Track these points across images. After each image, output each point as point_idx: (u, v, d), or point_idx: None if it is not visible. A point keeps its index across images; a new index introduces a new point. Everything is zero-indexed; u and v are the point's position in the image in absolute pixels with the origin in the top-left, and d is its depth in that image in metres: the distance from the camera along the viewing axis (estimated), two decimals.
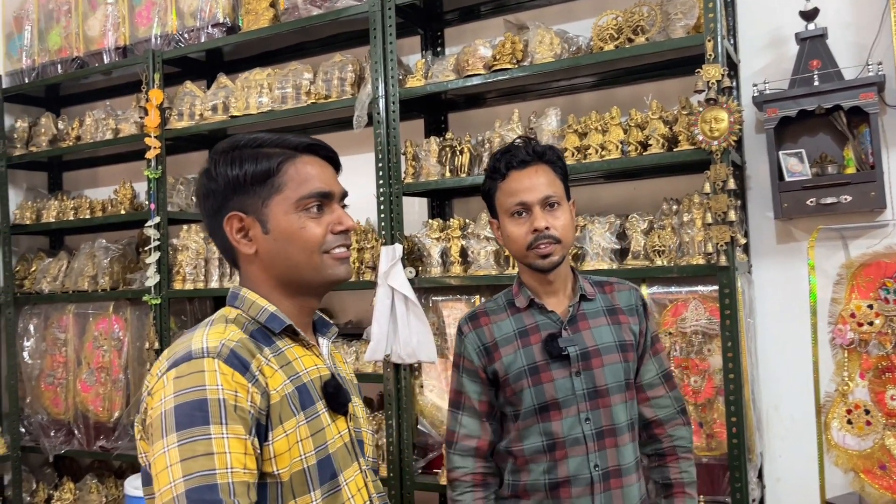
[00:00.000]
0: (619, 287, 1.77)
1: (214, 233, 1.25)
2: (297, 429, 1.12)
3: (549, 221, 1.65)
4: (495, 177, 1.73)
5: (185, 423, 1.02)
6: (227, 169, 1.22)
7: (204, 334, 1.13)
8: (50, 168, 4.21)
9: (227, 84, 3.33)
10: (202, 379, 1.05)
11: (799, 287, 2.50)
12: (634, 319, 1.72)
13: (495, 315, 1.75)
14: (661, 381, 1.74)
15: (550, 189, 1.67)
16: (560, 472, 1.63)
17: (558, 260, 1.66)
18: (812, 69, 2.38)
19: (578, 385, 1.64)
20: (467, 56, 2.77)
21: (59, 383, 3.73)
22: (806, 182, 2.37)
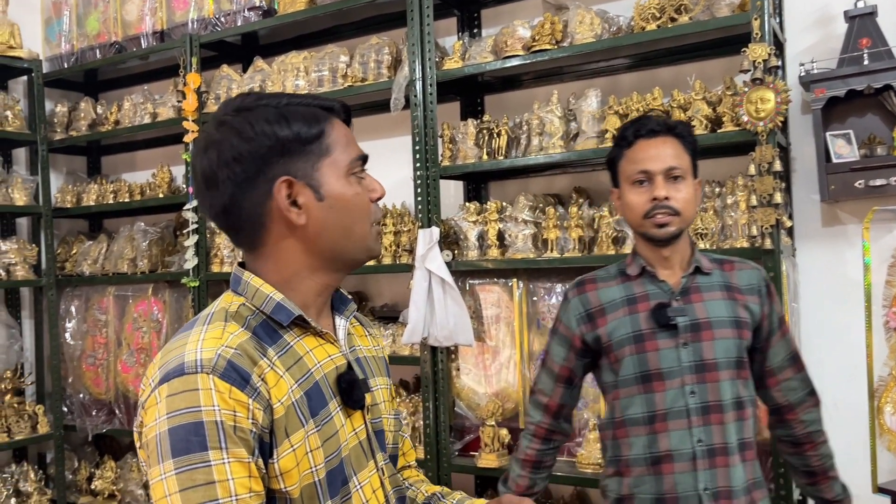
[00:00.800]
0: (739, 266, 1.73)
1: (237, 204, 1.05)
2: (305, 440, 1.01)
3: (671, 192, 1.61)
4: (621, 144, 1.70)
5: (182, 448, 0.92)
6: (271, 128, 1.04)
7: (199, 339, 0.99)
8: (89, 152, 4.26)
9: (263, 67, 3.34)
10: (196, 399, 0.94)
11: (845, 271, 2.45)
12: (754, 299, 1.68)
13: (604, 282, 1.74)
14: (789, 363, 1.71)
15: (676, 161, 1.63)
16: (661, 446, 1.61)
17: (675, 231, 1.63)
18: (861, 48, 2.32)
19: (685, 356, 1.61)
20: (505, 37, 2.74)
21: (100, 364, 3.79)
22: (854, 164, 2.32)
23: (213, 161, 1.04)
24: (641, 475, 1.64)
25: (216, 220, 1.09)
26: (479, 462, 2.73)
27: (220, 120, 1.07)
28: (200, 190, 1.08)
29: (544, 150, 2.69)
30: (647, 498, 1.63)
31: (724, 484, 1.60)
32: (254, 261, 1.11)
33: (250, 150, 1.03)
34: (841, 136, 2.36)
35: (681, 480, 1.60)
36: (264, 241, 1.08)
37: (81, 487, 3.84)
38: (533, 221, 2.73)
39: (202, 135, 1.08)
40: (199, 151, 1.07)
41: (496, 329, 2.84)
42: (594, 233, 2.63)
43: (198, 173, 1.07)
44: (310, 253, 1.08)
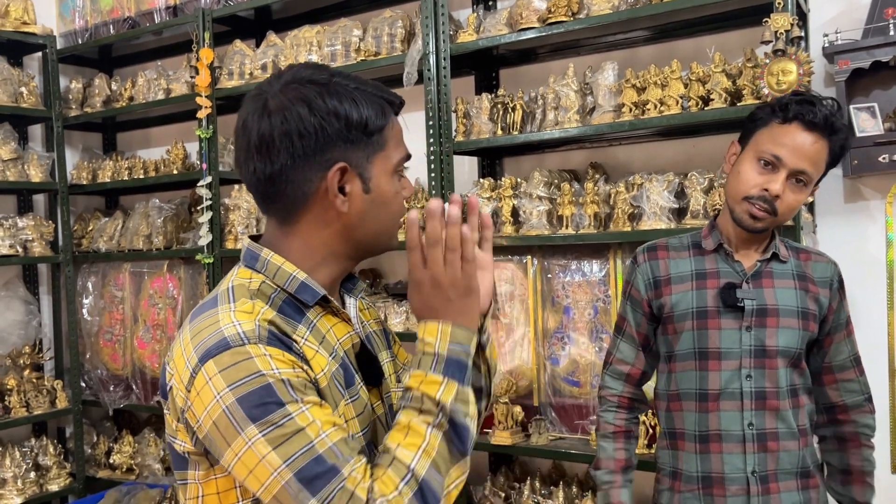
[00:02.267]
0: (816, 258, 1.69)
1: (286, 176, 1.02)
2: (345, 410, 1.03)
3: (784, 193, 1.55)
4: (777, 114, 1.59)
5: (260, 413, 0.92)
6: (343, 109, 1.02)
7: (230, 313, 0.98)
8: (104, 129, 4.26)
9: (276, 42, 3.31)
10: (255, 366, 0.94)
11: (867, 247, 2.40)
12: (825, 292, 1.65)
13: (676, 251, 1.71)
14: (852, 364, 1.68)
15: (811, 166, 1.56)
16: (711, 425, 1.60)
17: (763, 228, 1.59)
18: (887, 18, 2.25)
19: (746, 340, 1.59)
20: (521, 9, 2.69)
21: (117, 340, 3.82)
22: (878, 137, 2.26)
23: (275, 127, 1.01)
24: (689, 451, 1.64)
25: (255, 186, 1.06)
26: (493, 439, 2.72)
27: (290, 86, 1.02)
28: (248, 152, 1.03)
29: (560, 124, 2.65)
30: (694, 475, 1.63)
31: (773, 468, 1.58)
32: (280, 236, 1.08)
33: (317, 127, 1.01)
34: (865, 110, 2.30)
35: (729, 461, 1.59)
36: (299, 219, 1.06)
37: (100, 461, 3.89)
38: (548, 197, 2.69)
39: (264, 96, 1.03)
40: (258, 113, 1.02)
41: (510, 306, 2.81)
42: (610, 209, 2.59)
43: (251, 135, 1.02)
44: (341, 240, 1.07)
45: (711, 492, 1.60)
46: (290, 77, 1.04)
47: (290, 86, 1.03)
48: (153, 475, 3.67)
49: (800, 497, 1.60)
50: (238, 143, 1.06)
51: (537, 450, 2.67)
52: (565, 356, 2.70)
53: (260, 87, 1.06)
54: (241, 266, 1.10)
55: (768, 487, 1.58)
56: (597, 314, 2.66)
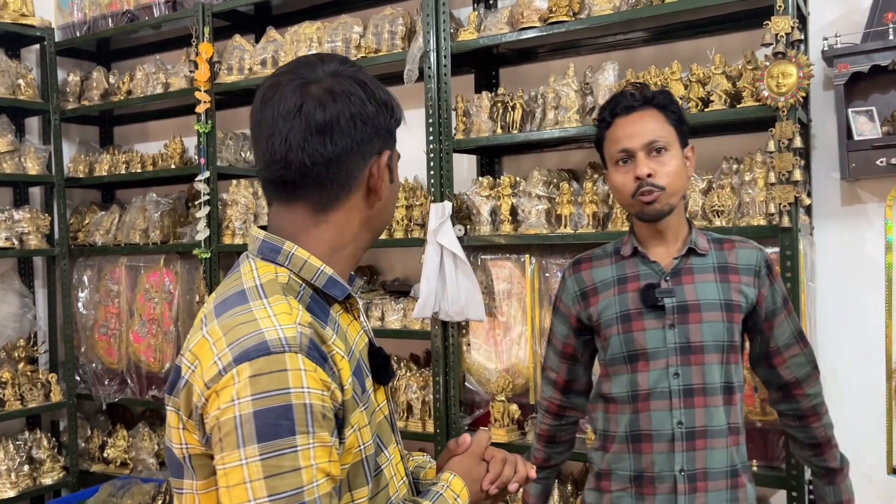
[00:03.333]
0: (741, 245, 1.69)
1: (343, 160, 1.03)
2: (359, 419, 1.01)
3: (653, 168, 1.58)
4: (602, 125, 1.68)
5: (269, 433, 0.88)
6: (389, 100, 1.08)
7: (270, 315, 0.95)
8: (101, 122, 4.25)
9: (276, 38, 3.31)
10: (286, 380, 0.90)
11: (864, 250, 2.41)
12: (750, 280, 1.65)
13: (598, 261, 1.74)
14: (795, 340, 1.70)
15: (655, 134, 1.60)
16: (642, 425, 1.62)
17: (663, 208, 1.60)
18: (887, 22, 2.26)
19: (671, 338, 1.60)
20: (522, 8, 2.69)
21: (113, 334, 3.81)
22: (876, 141, 2.27)
23: (341, 111, 1.02)
24: (621, 452, 1.65)
25: (306, 171, 1.02)
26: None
27: (342, 73, 1.05)
28: (307, 135, 1.01)
29: (559, 123, 2.65)
30: (626, 475, 1.64)
31: (702, 466, 1.59)
32: (309, 226, 1.05)
33: (375, 114, 1.05)
34: (863, 113, 2.31)
35: (658, 460, 1.60)
36: (338, 206, 1.05)
37: (94, 455, 3.88)
38: (547, 197, 2.70)
39: (314, 80, 1.03)
40: (321, 97, 1.01)
41: (508, 305, 2.82)
42: (608, 209, 2.60)
43: (313, 117, 1.01)
44: (363, 229, 1.09)
45: (642, 491, 1.61)
46: (337, 66, 1.06)
47: (343, 73, 1.05)
48: (147, 469, 3.67)
49: (728, 496, 1.60)
50: (283, 126, 1.02)
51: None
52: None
53: (298, 72, 1.04)
54: (256, 259, 1.05)
55: (696, 486, 1.58)
56: None
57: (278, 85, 1.04)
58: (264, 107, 1.04)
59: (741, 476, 1.64)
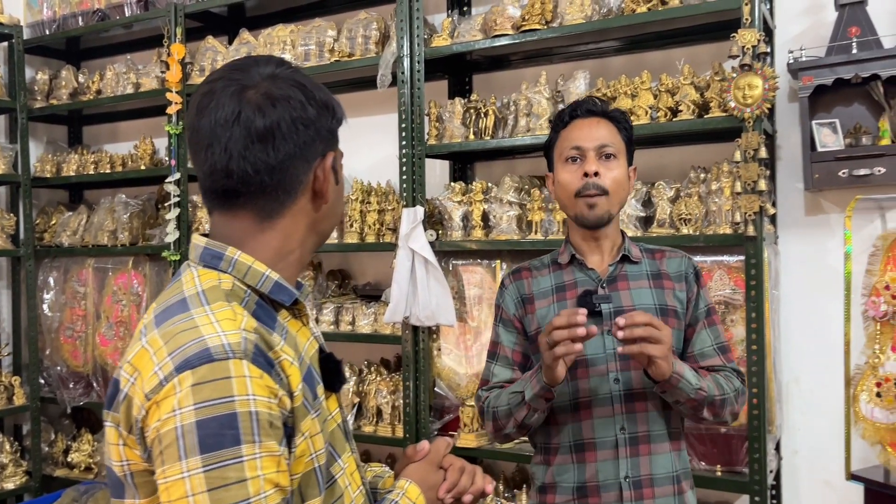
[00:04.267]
0: (670, 254, 1.72)
1: (287, 166, 1.00)
2: (310, 426, 0.97)
3: (601, 170, 1.61)
4: (558, 126, 1.70)
5: (212, 444, 0.85)
6: (330, 100, 1.05)
7: (213, 321, 0.91)
8: (70, 122, 4.20)
9: (249, 40, 3.29)
10: (230, 388, 0.87)
11: (826, 260, 2.47)
12: (681, 286, 1.67)
13: (537, 271, 1.74)
14: (716, 353, 1.67)
15: (609, 140, 1.64)
16: (585, 433, 1.61)
17: (603, 213, 1.62)
18: (850, 37, 2.32)
19: (609, 343, 1.60)
20: (495, 16, 2.71)
21: (79, 336, 3.76)
22: (839, 153, 2.32)
23: (282, 116, 0.99)
24: (565, 463, 1.63)
25: (249, 179, 0.99)
26: (458, 442, 2.73)
27: (279, 76, 1.01)
28: (248, 142, 0.98)
29: (531, 131, 2.68)
30: (569, 486, 1.62)
31: (647, 472, 1.59)
32: (254, 233, 1.02)
33: (316, 116, 1.02)
34: (827, 125, 2.37)
35: (602, 468, 1.59)
36: (284, 212, 1.03)
37: (58, 460, 3.82)
38: (518, 203, 2.72)
39: (252, 85, 1.00)
40: (261, 103, 0.98)
41: (478, 310, 2.83)
42: None
43: (253, 124, 0.98)
44: (310, 233, 1.07)
45: (587, 501, 1.60)
46: (274, 69, 1.02)
47: (281, 77, 1.02)
48: None
49: (674, 502, 1.61)
50: (221, 135, 0.98)
51: (502, 453, 2.69)
52: None
53: (233, 77, 1.01)
54: (198, 266, 1.01)
55: (642, 493, 1.58)
56: None
57: (213, 92, 1.00)
58: (200, 115, 1.00)
59: (683, 482, 1.64)
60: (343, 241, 3.01)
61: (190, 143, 1.03)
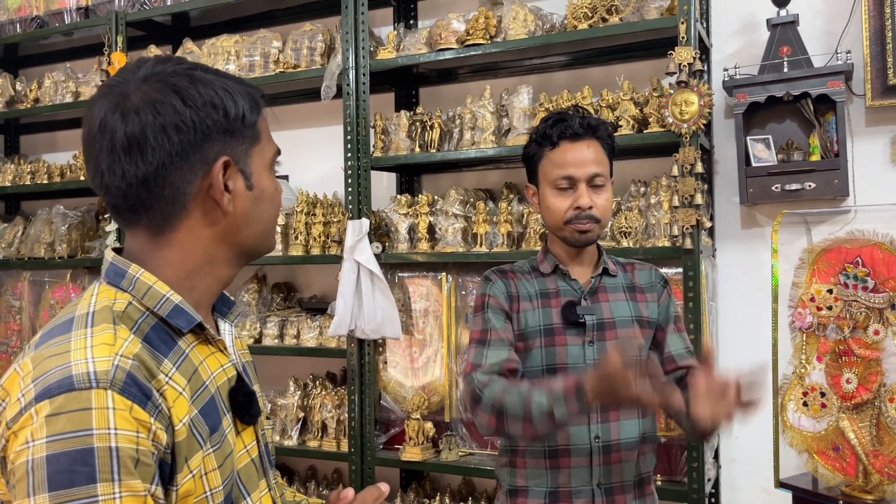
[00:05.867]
0: (639, 267, 1.76)
1: (162, 177, 0.91)
2: (202, 463, 0.90)
3: (593, 200, 1.62)
4: (544, 144, 1.68)
5: (63, 481, 0.77)
6: (220, 99, 0.94)
7: (86, 346, 0.84)
8: (6, 131, 4.08)
9: (193, 50, 3.25)
10: (88, 420, 0.79)
11: (761, 272, 2.53)
12: (653, 296, 1.72)
13: (522, 275, 1.73)
14: (689, 354, 1.71)
15: (599, 167, 1.64)
16: (560, 440, 1.61)
17: (594, 238, 1.66)
18: (782, 56, 2.39)
19: (590, 354, 1.63)
20: (440, 30, 2.73)
21: (13, 352, 3.64)
22: (772, 168, 2.40)
23: (146, 123, 0.89)
24: (538, 468, 1.65)
25: (122, 193, 0.92)
26: (403, 455, 2.72)
27: (153, 78, 0.92)
28: (113, 155, 0.90)
29: (476, 144, 2.69)
30: (542, 491, 1.64)
31: (618, 479, 1.63)
32: (151, 249, 0.96)
33: (194, 120, 0.91)
34: (760, 141, 2.44)
35: (576, 475, 1.62)
36: (176, 226, 0.94)
37: None
38: (463, 216, 2.73)
39: (120, 90, 0.91)
40: (124, 109, 0.90)
41: (424, 322, 2.83)
42: (523, 228, 2.65)
43: (116, 134, 0.90)
44: (223, 245, 0.98)
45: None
46: (150, 69, 0.93)
47: (154, 78, 0.92)
48: None
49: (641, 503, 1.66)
50: (93, 147, 0.92)
51: (448, 465, 2.69)
52: None
53: (111, 82, 0.94)
54: (102, 283, 0.95)
55: (613, 500, 1.62)
56: None
57: (93, 102, 0.93)
58: (83, 127, 0.94)
59: (649, 484, 1.69)
60: (288, 253, 2.98)
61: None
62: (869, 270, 1.96)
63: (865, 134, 2.44)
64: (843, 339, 1.95)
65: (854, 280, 1.92)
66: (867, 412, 1.95)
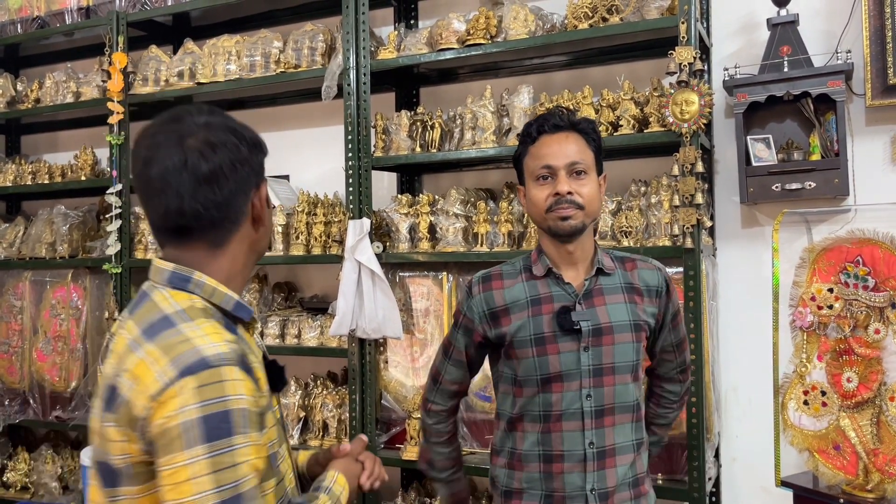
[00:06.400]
0: (642, 265, 1.73)
1: (231, 202, 1.19)
2: (270, 419, 1.19)
3: (574, 187, 1.62)
4: (526, 140, 1.70)
5: (214, 434, 1.04)
6: (257, 139, 1.25)
7: (203, 335, 1.10)
8: (7, 131, 4.08)
9: (193, 50, 3.25)
10: (223, 389, 1.06)
11: (761, 271, 2.54)
12: (653, 301, 1.70)
13: (509, 279, 1.72)
14: (672, 348, 1.79)
15: (578, 156, 1.64)
16: (554, 445, 1.63)
17: (578, 225, 1.62)
18: (782, 55, 2.40)
19: (585, 360, 1.62)
20: (441, 29, 2.73)
21: (15, 352, 3.64)
22: (772, 167, 2.40)
23: (223, 160, 1.16)
24: (533, 472, 1.66)
25: (203, 214, 1.16)
26: (405, 455, 2.73)
27: (213, 123, 1.18)
28: (197, 186, 1.14)
29: (477, 144, 2.70)
30: (537, 494, 1.65)
31: (612, 484, 1.63)
32: (208, 259, 1.19)
33: (249, 155, 1.21)
34: (761, 140, 2.44)
35: (570, 480, 1.62)
36: (230, 239, 1.21)
37: None
38: (464, 215, 2.73)
39: (197, 135, 1.16)
40: (202, 150, 1.15)
41: (425, 322, 2.83)
42: (523, 228, 2.65)
43: (199, 169, 1.14)
44: (251, 254, 1.26)
45: None
46: (205, 117, 1.19)
47: (213, 124, 1.19)
48: (49, 494, 3.50)
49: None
50: (172, 180, 1.14)
51: None
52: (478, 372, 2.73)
53: (172, 130, 1.17)
54: (167, 288, 1.17)
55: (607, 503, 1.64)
56: None
57: (157, 144, 1.16)
58: (148, 166, 1.16)
59: (643, 485, 1.69)
60: (289, 253, 2.99)
61: (140, 192, 1.20)
62: (869, 269, 1.96)
63: (865, 133, 2.44)
64: (843, 338, 1.96)
65: (855, 279, 1.92)
66: (868, 411, 1.95)
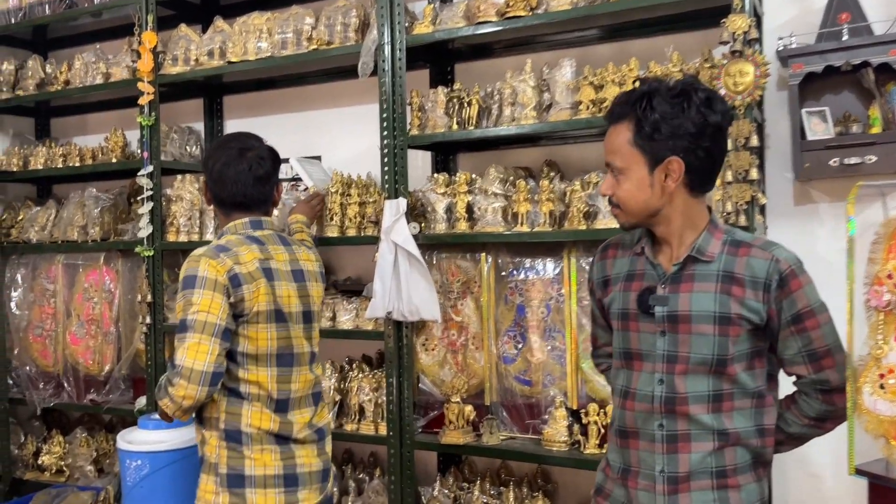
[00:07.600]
0: (755, 253, 1.58)
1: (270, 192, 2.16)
2: None
3: (613, 188, 1.61)
4: None
5: None
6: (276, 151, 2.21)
7: None
8: (37, 113, 4.06)
9: (223, 28, 3.19)
10: None
11: (816, 249, 2.43)
12: (756, 294, 1.55)
13: (622, 250, 1.74)
14: (803, 360, 1.60)
15: (614, 154, 1.59)
16: (628, 422, 1.65)
17: (624, 223, 1.65)
18: (841, 23, 2.28)
19: (661, 345, 1.59)
20: (478, 2, 2.64)
21: (48, 335, 3.64)
22: (829, 142, 2.29)
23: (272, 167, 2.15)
24: (612, 443, 1.72)
25: (257, 198, 2.12)
26: (444, 439, 2.67)
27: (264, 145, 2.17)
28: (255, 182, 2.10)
29: (516, 120, 2.61)
30: (616, 466, 1.69)
31: (685, 469, 1.57)
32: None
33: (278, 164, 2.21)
34: (816, 114, 2.33)
35: (643, 457, 1.63)
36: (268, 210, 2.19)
37: (28, 462, 3.70)
38: (503, 194, 2.66)
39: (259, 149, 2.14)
40: (262, 157, 2.12)
41: (463, 304, 2.77)
42: (565, 207, 2.57)
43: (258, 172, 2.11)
44: None
45: (627, 483, 1.65)
46: (255, 141, 2.16)
47: (263, 144, 2.16)
48: (84, 477, 3.51)
49: (714, 496, 1.57)
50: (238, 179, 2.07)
51: (489, 449, 2.63)
52: (518, 355, 2.67)
53: (244, 143, 2.13)
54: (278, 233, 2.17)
55: (677, 488, 1.57)
56: (550, 313, 2.63)
57: (239, 154, 2.09)
58: (227, 167, 2.08)
59: (731, 477, 1.58)
60: (323, 234, 2.92)
61: (216, 181, 2.09)
62: None
63: None
64: None
65: None
66: None
